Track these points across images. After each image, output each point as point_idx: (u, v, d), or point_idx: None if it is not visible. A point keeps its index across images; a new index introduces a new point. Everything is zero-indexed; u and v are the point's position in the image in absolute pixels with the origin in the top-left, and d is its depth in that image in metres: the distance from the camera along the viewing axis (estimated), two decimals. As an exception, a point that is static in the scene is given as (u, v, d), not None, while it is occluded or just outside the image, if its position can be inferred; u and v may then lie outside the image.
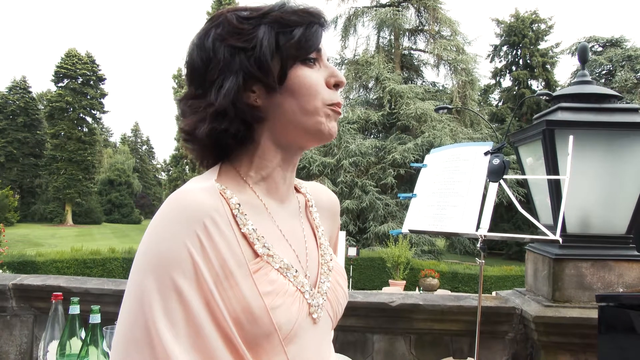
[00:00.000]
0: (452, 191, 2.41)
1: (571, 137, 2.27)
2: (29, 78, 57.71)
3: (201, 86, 0.96)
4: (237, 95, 0.93)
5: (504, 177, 2.33)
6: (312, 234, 1.11)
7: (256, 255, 0.92)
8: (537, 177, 2.97)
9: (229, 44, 0.93)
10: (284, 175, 1.03)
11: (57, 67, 53.15)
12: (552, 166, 2.71)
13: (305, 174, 24.08)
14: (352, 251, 17.12)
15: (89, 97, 54.55)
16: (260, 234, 0.94)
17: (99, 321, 1.89)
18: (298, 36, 0.93)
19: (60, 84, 53.89)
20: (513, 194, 2.45)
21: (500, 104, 39.24)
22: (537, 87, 38.32)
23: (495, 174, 2.34)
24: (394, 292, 6.24)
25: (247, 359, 0.86)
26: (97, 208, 58.58)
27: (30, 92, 58.36)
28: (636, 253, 2.75)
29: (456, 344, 2.89)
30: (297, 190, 1.15)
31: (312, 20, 0.95)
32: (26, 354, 2.95)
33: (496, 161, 2.35)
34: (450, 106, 19.24)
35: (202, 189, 0.90)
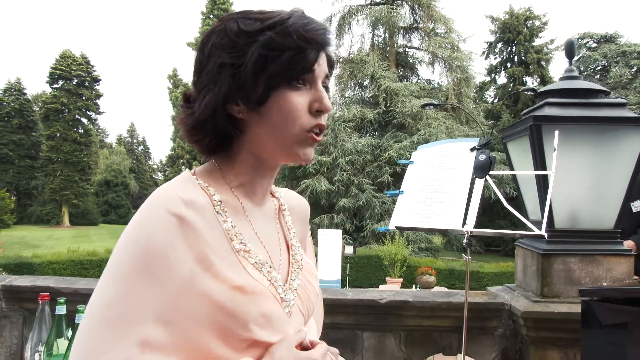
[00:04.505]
0: (438, 187, 2.41)
1: (557, 132, 2.27)
2: (23, 79, 57.92)
3: (195, 88, 1.02)
4: (217, 108, 0.97)
5: (490, 172, 2.33)
6: (284, 235, 1.17)
7: (234, 250, 0.96)
8: (522, 172, 2.98)
9: (220, 58, 0.96)
10: (262, 182, 1.08)
11: (52, 68, 53.04)
12: (539, 162, 2.71)
13: (301, 172, 24.03)
14: (349, 249, 17.13)
15: (84, 98, 54.45)
16: (238, 231, 0.99)
17: (85, 321, 1.89)
18: (285, 61, 0.94)
19: (55, 85, 53.77)
20: (500, 191, 2.46)
21: (495, 100, 39.26)
22: (532, 83, 38.34)
23: (481, 169, 2.34)
24: (384, 289, 6.25)
25: (227, 343, 0.91)
26: (93, 209, 58.51)
27: (25, 94, 58.22)
28: (624, 247, 2.76)
29: (446, 340, 2.89)
30: (272, 194, 1.20)
31: (305, 46, 0.95)
32: (16, 355, 2.94)
33: (482, 157, 2.36)
34: (436, 102, 19.27)
35: (178, 182, 0.96)
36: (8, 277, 3.05)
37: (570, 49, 3.00)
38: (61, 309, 1.97)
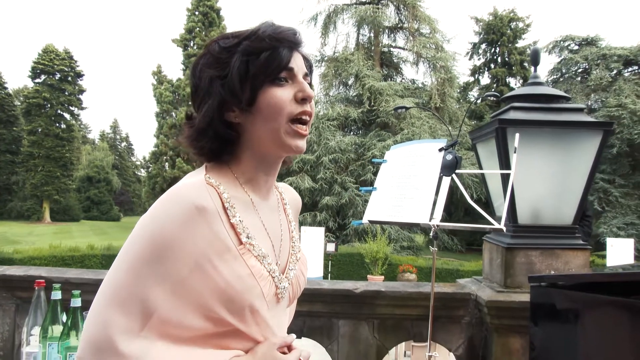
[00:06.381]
0: (408, 184, 2.60)
1: (517, 135, 2.47)
2: (4, 74, 56.73)
3: (194, 107, 1.18)
4: (214, 116, 1.12)
5: (456, 171, 2.53)
6: (288, 228, 1.33)
7: (240, 242, 1.11)
8: (483, 171, 3.19)
9: (209, 73, 1.13)
10: (266, 178, 1.23)
11: (34, 62, 52.45)
12: (504, 162, 2.91)
13: (284, 170, 23.97)
14: (331, 247, 17.30)
15: (66, 93, 53.97)
16: (245, 225, 1.14)
17: (80, 305, 2.04)
18: (263, 61, 1.10)
19: (37, 80, 53.18)
20: (465, 189, 2.65)
21: (479, 101, 39.66)
22: (515, 84, 38.80)
23: (448, 168, 2.54)
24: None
25: (225, 320, 1.06)
26: (75, 205, 58.06)
27: (6, 88, 57.33)
28: (581, 242, 2.97)
29: (416, 328, 3.08)
30: (275, 187, 1.36)
31: (278, 45, 1.11)
32: (8, 342, 3.08)
33: (449, 157, 2.55)
34: (408, 106, 19.64)
35: (192, 184, 1.08)
36: (1, 267, 3.19)
37: (535, 57, 3.22)
38: (56, 295, 2.12)
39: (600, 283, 2.02)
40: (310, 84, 1.21)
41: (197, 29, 39.54)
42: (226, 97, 1.11)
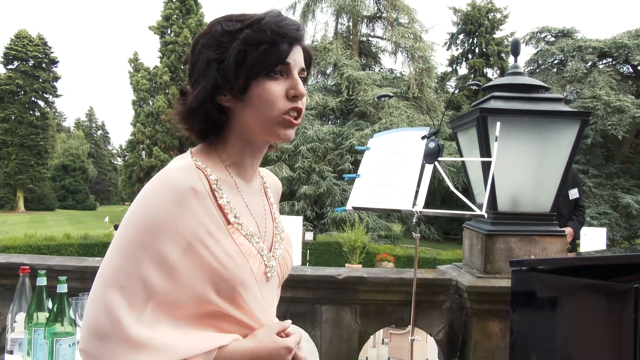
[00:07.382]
0: (392, 172, 2.64)
1: (498, 123, 2.52)
2: (-25, 60, 55.31)
3: (189, 84, 1.19)
4: (206, 98, 1.14)
5: (439, 159, 2.57)
6: (270, 210, 1.36)
7: (228, 222, 1.14)
8: (465, 159, 3.24)
9: (207, 55, 1.13)
10: (252, 162, 1.26)
11: (7, 48, 51.41)
12: (485, 150, 2.96)
13: (263, 159, 23.72)
14: (309, 236, 17.34)
15: (40, 80, 53.03)
16: (232, 206, 1.17)
17: (66, 290, 2.04)
18: (261, 54, 1.10)
19: (10, 66, 52.15)
20: (447, 176, 2.69)
21: (456, 91, 39.87)
22: (493, 75, 39.09)
23: (430, 156, 2.58)
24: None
25: (216, 303, 1.09)
26: (50, 194, 57.31)
27: (-23, 75, 56.29)
28: (558, 229, 3.05)
29: (398, 313, 3.14)
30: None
31: (278, 40, 1.11)
32: (-10, 328, 3.06)
33: (432, 144, 2.59)
34: (392, 94, 19.68)
35: (180, 167, 1.11)
36: (-19, 254, 3.16)
37: (515, 48, 3.27)
38: (42, 281, 2.12)
39: (579, 267, 2.08)
40: (306, 78, 1.23)
41: (175, 16, 39.15)
42: (220, 81, 1.12)
